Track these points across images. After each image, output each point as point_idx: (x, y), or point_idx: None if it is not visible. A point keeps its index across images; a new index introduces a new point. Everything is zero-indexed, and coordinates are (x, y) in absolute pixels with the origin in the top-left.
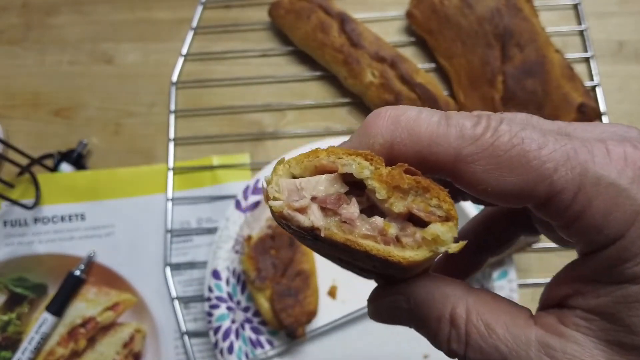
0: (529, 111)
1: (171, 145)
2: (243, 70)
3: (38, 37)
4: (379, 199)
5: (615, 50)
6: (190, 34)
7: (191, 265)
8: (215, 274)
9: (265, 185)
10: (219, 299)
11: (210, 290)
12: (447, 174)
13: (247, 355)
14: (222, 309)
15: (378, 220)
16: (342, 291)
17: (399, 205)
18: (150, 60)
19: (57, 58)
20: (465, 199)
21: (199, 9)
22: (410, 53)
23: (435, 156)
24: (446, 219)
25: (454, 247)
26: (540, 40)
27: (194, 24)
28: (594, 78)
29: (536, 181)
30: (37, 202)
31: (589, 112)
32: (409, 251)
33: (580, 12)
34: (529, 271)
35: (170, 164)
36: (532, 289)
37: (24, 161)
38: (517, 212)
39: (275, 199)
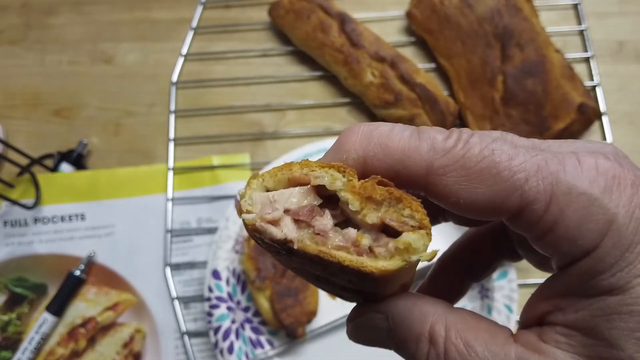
0: (529, 111)
1: (171, 145)
2: (243, 70)
3: (38, 37)
4: (352, 211)
5: (615, 50)
6: (190, 34)
7: (191, 265)
8: (215, 274)
9: (238, 198)
10: (219, 299)
11: (210, 290)
12: (420, 187)
13: (247, 355)
14: (222, 309)
15: (351, 231)
16: None
17: (372, 217)
18: (150, 60)
19: (57, 58)
20: (446, 220)
21: (199, 9)
22: (410, 53)
23: (408, 170)
24: (419, 227)
25: (426, 256)
26: (540, 40)
27: (194, 24)
28: (594, 78)
29: (507, 192)
30: (37, 202)
31: (588, 112)
32: (382, 261)
33: (580, 12)
34: (529, 271)
35: (170, 164)
36: (532, 288)
37: (24, 161)
38: (498, 236)
39: (248, 212)
